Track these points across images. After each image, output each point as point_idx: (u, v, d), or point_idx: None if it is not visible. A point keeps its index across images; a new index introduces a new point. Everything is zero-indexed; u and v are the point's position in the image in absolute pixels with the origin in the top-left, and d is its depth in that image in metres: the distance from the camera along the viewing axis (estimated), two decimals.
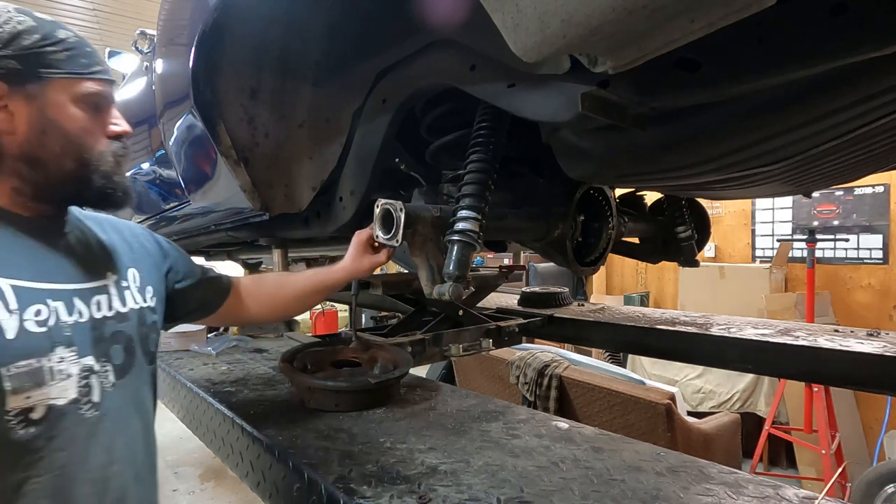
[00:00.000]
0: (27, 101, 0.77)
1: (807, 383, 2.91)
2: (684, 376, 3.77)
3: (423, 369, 3.29)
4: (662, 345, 1.79)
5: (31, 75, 0.77)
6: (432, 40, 0.99)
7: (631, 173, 0.97)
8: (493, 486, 0.85)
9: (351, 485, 0.88)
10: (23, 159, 0.78)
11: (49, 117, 0.79)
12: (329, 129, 1.30)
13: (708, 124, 0.77)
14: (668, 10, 0.47)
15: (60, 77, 0.79)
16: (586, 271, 1.43)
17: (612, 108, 0.74)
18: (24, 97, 0.77)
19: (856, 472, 3.05)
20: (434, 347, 1.58)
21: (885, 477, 2.61)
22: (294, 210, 1.37)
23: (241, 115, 1.24)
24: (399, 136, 1.20)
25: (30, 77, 0.77)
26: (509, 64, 0.79)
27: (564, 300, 2.36)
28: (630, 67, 0.58)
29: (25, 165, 0.79)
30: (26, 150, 0.78)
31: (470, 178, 1.01)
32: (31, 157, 0.79)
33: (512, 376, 2.65)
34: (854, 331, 1.68)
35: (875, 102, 0.65)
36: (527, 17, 0.52)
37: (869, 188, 3.66)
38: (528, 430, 1.09)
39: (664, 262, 1.79)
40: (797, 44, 0.58)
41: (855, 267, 3.73)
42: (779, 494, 0.82)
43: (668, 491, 0.83)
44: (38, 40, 0.77)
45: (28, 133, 0.78)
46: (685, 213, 1.67)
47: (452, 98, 1.12)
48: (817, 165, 0.90)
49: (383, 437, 1.07)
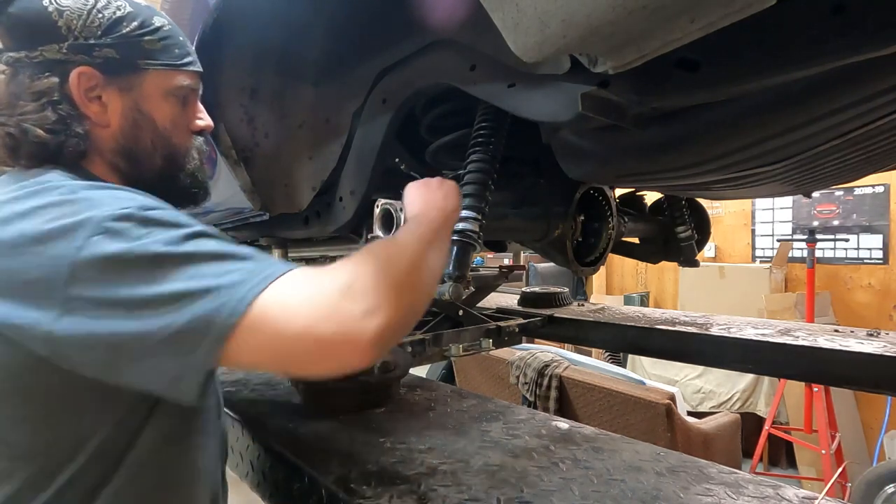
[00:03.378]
0: (122, 92, 0.73)
1: (807, 383, 2.91)
2: (684, 376, 3.77)
3: (423, 369, 3.29)
4: (662, 345, 1.79)
5: (128, 66, 0.72)
6: (432, 40, 0.99)
7: (631, 173, 0.96)
8: (493, 486, 0.85)
9: (351, 485, 0.88)
10: (120, 154, 0.74)
11: (143, 111, 0.74)
12: (329, 129, 1.30)
13: (708, 124, 0.77)
14: (668, 10, 0.47)
15: (157, 68, 0.74)
16: (586, 271, 1.43)
17: (612, 108, 0.74)
18: (118, 88, 0.73)
19: (856, 472, 3.05)
20: (434, 347, 1.58)
21: (885, 477, 2.61)
22: (294, 210, 1.37)
23: (242, 115, 1.24)
24: (399, 136, 1.20)
25: (126, 67, 0.72)
26: (509, 64, 0.79)
27: (564, 300, 2.36)
28: (630, 67, 0.58)
29: (123, 160, 0.75)
30: (122, 144, 0.74)
31: (470, 178, 1.01)
32: (127, 152, 0.74)
33: (512, 376, 2.65)
34: (854, 331, 1.68)
35: (875, 102, 0.65)
36: (527, 17, 0.52)
37: (869, 188, 3.66)
38: (528, 430, 1.09)
39: (664, 262, 1.78)
40: (797, 44, 0.58)
41: (855, 267, 3.72)
42: (779, 494, 0.82)
43: (668, 491, 0.83)
44: (137, 27, 0.72)
45: (122, 126, 0.74)
46: (685, 213, 1.67)
47: (452, 98, 1.12)
48: (817, 165, 0.90)
49: (383, 437, 1.07)
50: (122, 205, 0.58)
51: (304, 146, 1.32)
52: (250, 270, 0.56)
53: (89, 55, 0.70)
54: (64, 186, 0.62)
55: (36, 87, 0.68)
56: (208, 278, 0.55)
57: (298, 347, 0.54)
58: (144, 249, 0.55)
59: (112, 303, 0.54)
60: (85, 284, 0.54)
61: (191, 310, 0.53)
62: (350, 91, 1.23)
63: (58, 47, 0.68)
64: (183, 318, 0.53)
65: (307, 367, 0.57)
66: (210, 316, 0.53)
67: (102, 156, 0.74)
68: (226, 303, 0.54)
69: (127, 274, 0.54)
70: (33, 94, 0.69)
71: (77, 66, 0.69)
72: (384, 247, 0.68)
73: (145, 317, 0.53)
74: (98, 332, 0.53)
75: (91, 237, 0.55)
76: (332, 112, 1.28)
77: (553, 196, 1.33)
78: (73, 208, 0.58)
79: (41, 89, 0.69)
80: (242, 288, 0.54)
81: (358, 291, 0.55)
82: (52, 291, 0.54)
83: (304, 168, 1.34)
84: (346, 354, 0.55)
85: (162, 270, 0.54)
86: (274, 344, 0.54)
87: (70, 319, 0.53)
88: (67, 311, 0.54)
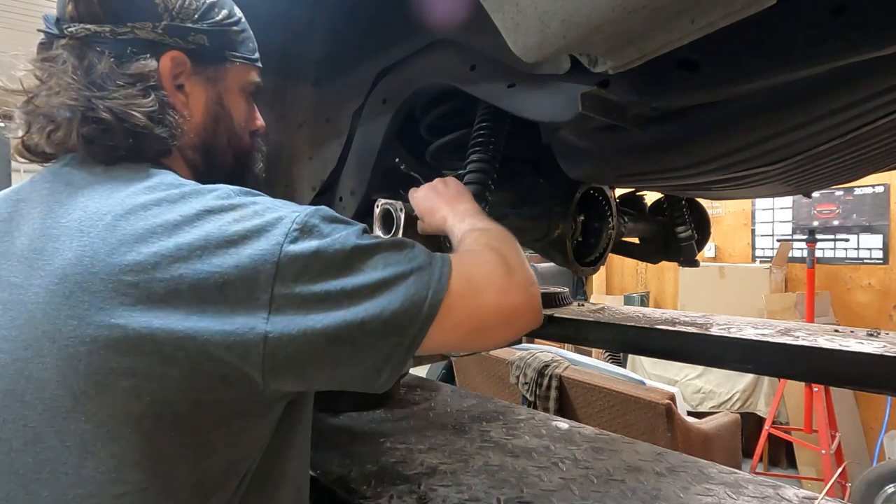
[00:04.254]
0: (206, 83, 0.68)
1: (807, 383, 2.91)
2: (684, 376, 3.77)
3: (423, 369, 3.29)
4: (662, 345, 1.79)
5: (216, 56, 0.68)
6: (432, 40, 0.99)
7: (631, 173, 0.96)
8: (493, 486, 0.85)
9: (351, 485, 0.88)
10: (199, 150, 0.69)
11: (224, 105, 0.70)
12: (329, 129, 1.30)
13: (708, 124, 0.77)
14: (668, 10, 0.47)
15: (240, 61, 0.70)
16: (586, 271, 1.43)
17: (612, 108, 0.74)
18: (204, 79, 0.68)
19: (856, 472, 3.05)
20: None
21: (885, 477, 2.61)
22: None
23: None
24: (399, 136, 1.20)
25: (214, 58, 0.68)
26: (509, 64, 0.79)
27: (564, 300, 2.36)
28: (630, 67, 0.58)
29: (201, 157, 0.69)
30: (202, 139, 0.69)
31: (470, 178, 1.01)
32: (205, 148, 0.69)
33: (512, 376, 2.65)
34: (854, 331, 1.68)
35: (875, 102, 0.65)
36: (527, 17, 0.52)
37: (869, 188, 3.66)
38: (528, 430, 1.09)
39: (664, 262, 1.78)
40: (797, 44, 0.58)
41: (855, 267, 3.72)
42: (779, 494, 0.82)
43: (668, 491, 0.83)
44: (226, 16, 0.68)
45: (204, 120, 0.68)
46: (685, 213, 1.67)
47: (452, 98, 1.12)
48: (817, 165, 0.90)
49: (383, 437, 1.07)
50: (297, 206, 0.57)
51: (304, 146, 1.32)
52: (427, 254, 0.59)
53: (184, 39, 0.64)
54: (213, 189, 0.57)
55: (132, 68, 0.61)
56: (402, 264, 0.56)
57: (494, 319, 0.60)
58: (342, 244, 0.55)
59: (321, 297, 0.52)
60: (291, 282, 0.52)
61: (401, 292, 0.54)
62: (350, 91, 1.23)
63: (152, 26, 0.62)
64: (396, 301, 0.54)
65: (498, 335, 0.62)
66: (420, 295, 0.55)
67: (182, 151, 0.68)
68: (428, 282, 0.56)
69: (330, 268, 0.54)
70: (130, 77, 0.61)
71: (170, 50, 0.64)
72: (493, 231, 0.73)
73: (357, 305, 0.53)
74: (314, 327, 0.52)
75: (289, 234, 0.53)
76: (332, 112, 1.28)
77: (553, 196, 1.33)
78: (251, 210, 0.55)
79: (139, 71, 0.61)
80: (435, 269, 0.57)
81: (514, 267, 0.63)
82: (257, 292, 0.51)
83: (304, 168, 1.34)
84: (529, 318, 0.63)
85: (360, 262, 0.55)
86: (473, 318, 0.58)
87: (281, 318, 0.51)
88: (276, 310, 0.51)
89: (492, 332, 0.61)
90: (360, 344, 0.53)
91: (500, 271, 0.61)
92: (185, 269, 0.50)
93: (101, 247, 0.51)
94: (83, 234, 0.52)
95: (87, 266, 0.50)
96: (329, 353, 0.53)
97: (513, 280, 0.61)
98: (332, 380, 0.57)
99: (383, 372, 0.56)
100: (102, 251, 0.51)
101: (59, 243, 0.53)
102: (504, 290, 0.60)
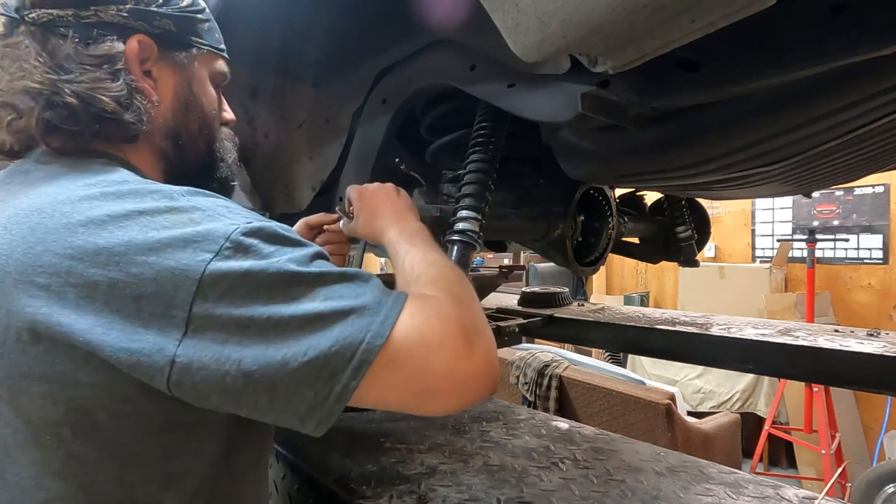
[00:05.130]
0: (174, 69, 0.67)
1: (807, 383, 2.91)
2: (684, 376, 3.78)
3: None
4: (662, 345, 1.79)
5: (182, 42, 0.67)
6: (432, 40, 0.99)
7: (631, 173, 0.96)
8: (492, 486, 0.85)
9: (351, 485, 0.88)
10: (169, 136, 0.67)
11: (194, 92, 0.69)
12: (329, 129, 1.30)
13: (708, 124, 0.77)
14: (668, 10, 0.47)
15: (207, 49, 0.70)
16: (586, 271, 1.43)
17: (612, 108, 0.74)
18: (172, 65, 0.67)
19: (856, 472, 3.05)
20: None
21: (885, 477, 2.61)
22: (294, 210, 1.37)
23: (241, 115, 1.25)
24: (399, 136, 1.20)
25: (180, 43, 0.67)
26: (509, 64, 0.79)
27: (564, 300, 2.36)
28: (630, 67, 0.58)
29: (171, 144, 0.68)
30: (172, 125, 0.67)
31: (470, 178, 1.01)
32: (176, 135, 0.68)
33: (512, 376, 2.65)
34: (854, 331, 1.68)
35: (875, 102, 0.65)
36: (527, 17, 0.52)
37: (869, 188, 3.66)
38: (528, 430, 1.09)
39: (664, 262, 1.78)
40: (797, 44, 0.58)
41: (855, 267, 3.72)
42: (779, 494, 0.82)
43: (668, 491, 0.83)
44: (190, 4, 0.68)
45: (173, 107, 0.67)
46: (685, 213, 1.67)
47: (452, 98, 1.12)
48: (817, 165, 0.90)
49: (383, 437, 1.07)
50: (243, 218, 0.52)
51: (304, 146, 1.32)
52: (380, 294, 0.52)
53: (149, 23, 0.63)
54: (157, 189, 0.53)
55: (97, 50, 0.59)
56: (345, 300, 0.50)
57: (442, 384, 0.51)
58: (278, 268, 0.49)
59: (245, 324, 0.47)
60: (213, 303, 0.47)
61: (334, 333, 0.48)
62: (350, 91, 1.23)
63: (116, 9, 0.60)
64: (326, 341, 0.47)
65: (444, 404, 0.53)
66: (354, 339, 0.48)
67: (150, 139, 0.66)
68: (369, 325, 0.49)
69: (260, 293, 0.48)
70: (97, 59, 0.59)
71: (135, 34, 0.62)
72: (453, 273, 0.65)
73: (282, 339, 0.47)
74: (229, 357, 0.46)
75: (219, 251, 0.48)
76: (332, 112, 1.28)
77: (553, 196, 1.33)
78: (186, 217, 0.50)
79: (105, 53, 0.59)
80: (381, 311, 0.50)
81: (476, 326, 0.55)
82: (173, 310, 0.46)
83: (304, 168, 1.34)
84: (482, 390, 0.54)
85: (297, 290, 0.49)
86: (416, 379, 0.50)
87: (195, 343, 0.46)
88: (192, 332, 0.46)
89: (437, 399, 0.52)
90: (280, 388, 0.47)
91: (459, 330, 0.52)
92: (100, 276, 0.47)
93: (18, 245, 0.49)
94: (6, 231, 0.51)
95: (2, 265, 0.49)
96: (243, 394, 0.48)
97: (471, 343, 0.52)
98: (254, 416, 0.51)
99: (307, 423, 0.50)
100: (19, 250, 0.49)
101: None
102: (459, 354, 0.51)
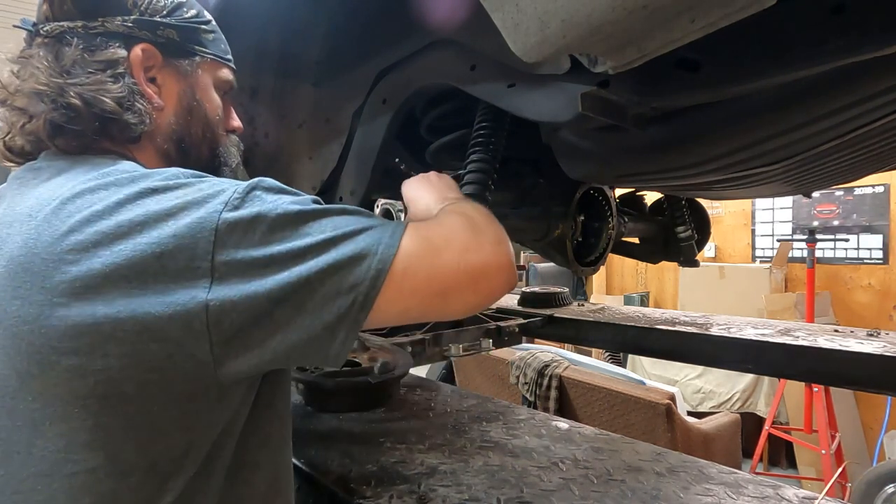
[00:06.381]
0: (178, 77, 0.72)
1: (807, 383, 2.91)
2: (684, 376, 3.78)
3: (423, 369, 3.29)
4: (662, 345, 1.79)
5: (186, 51, 0.72)
6: (432, 40, 0.99)
7: (631, 173, 0.96)
8: (493, 486, 0.85)
9: (351, 485, 0.88)
10: (172, 139, 0.71)
11: (197, 98, 0.73)
12: (329, 129, 1.30)
13: (708, 124, 0.77)
14: (669, 10, 0.47)
15: (210, 58, 0.74)
16: (586, 271, 1.43)
17: (612, 108, 0.74)
18: (175, 72, 0.71)
19: (856, 472, 3.05)
20: (434, 347, 1.58)
21: (885, 477, 2.61)
22: None
23: (242, 114, 1.24)
24: (399, 136, 1.20)
25: (184, 52, 0.71)
26: (509, 64, 0.79)
27: (564, 300, 2.36)
28: (630, 67, 0.58)
29: (174, 147, 0.72)
30: (175, 129, 0.71)
31: (470, 178, 1.01)
32: (179, 138, 0.72)
33: (512, 376, 2.65)
34: (854, 331, 1.68)
35: (875, 102, 0.65)
36: (527, 17, 0.52)
37: (869, 188, 3.66)
38: (528, 430, 1.09)
39: (664, 262, 1.78)
40: (797, 44, 0.58)
41: (855, 267, 3.72)
42: (779, 494, 0.82)
43: (668, 491, 0.83)
44: (195, 16, 0.72)
45: (177, 111, 0.72)
46: (685, 213, 1.67)
47: (452, 98, 1.12)
48: (818, 165, 0.90)
49: (383, 437, 1.07)
50: (246, 180, 0.56)
51: (304, 146, 1.32)
52: (382, 219, 0.57)
53: (153, 33, 0.68)
54: (161, 172, 0.58)
55: (101, 56, 0.64)
56: (352, 225, 0.55)
57: (457, 279, 0.57)
58: (285, 209, 0.54)
59: (265, 262, 0.52)
60: (233, 248, 0.51)
61: (348, 247, 0.53)
62: (350, 91, 1.23)
63: (121, 20, 0.65)
64: (343, 256, 0.53)
65: (465, 298, 0.58)
66: (368, 250, 0.53)
67: (153, 141, 0.70)
68: (379, 238, 0.54)
69: (274, 233, 0.53)
70: (100, 63, 0.64)
71: (140, 43, 0.67)
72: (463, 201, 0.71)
73: (303, 265, 0.52)
74: (258, 292, 0.51)
75: (228, 202, 0.53)
76: (332, 112, 1.28)
77: (553, 196, 1.33)
78: (195, 188, 0.55)
79: (109, 59, 0.64)
80: (388, 227, 0.55)
81: (480, 225, 0.61)
82: (196, 261, 0.50)
83: (304, 168, 1.34)
84: (499, 278, 0.60)
85: (306, 225, 0.54)
86: (432, 280, 0.56)
87: (224, 287, 0.50)
88: (218, 279, 0.50)
89: (456, 295, 0.58)
90: (308, 303, 0.52)
91: (463, 230, 0.59)
92: (124, 245, 0.50)
93: (45, 229, 0.52)
94: (31, 219, 0.54)
95: (30, 248, 0.52)
96: (275, 316, 0.52)
97: (477, 238, 0.59)
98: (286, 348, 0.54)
99: (338, 333, 0.54)
100: (46, 233, 0.52)
101: (12, 229, 0.55)
102: (466, 248, 0.57)
